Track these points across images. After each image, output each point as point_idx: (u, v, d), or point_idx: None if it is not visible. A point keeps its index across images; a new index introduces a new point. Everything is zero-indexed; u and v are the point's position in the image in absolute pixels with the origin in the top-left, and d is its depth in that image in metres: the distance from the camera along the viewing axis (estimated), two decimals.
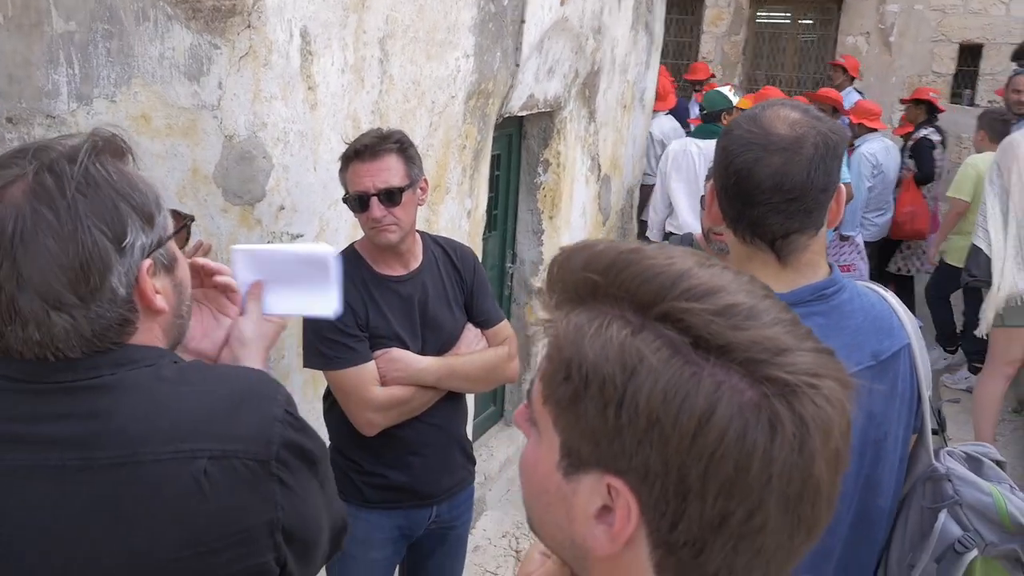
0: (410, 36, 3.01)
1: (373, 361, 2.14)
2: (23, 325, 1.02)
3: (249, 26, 2.30)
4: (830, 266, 1.47)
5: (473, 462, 2.43)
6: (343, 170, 2.18)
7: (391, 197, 2.09)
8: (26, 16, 2.48)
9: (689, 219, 5.30)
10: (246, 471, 1.04)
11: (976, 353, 5.50)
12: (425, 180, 2.21)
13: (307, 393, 2.77)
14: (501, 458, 4.54)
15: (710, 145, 5.15)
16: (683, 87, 8.95)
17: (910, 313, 1.54)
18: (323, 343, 2.11)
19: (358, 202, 2.13)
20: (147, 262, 1.08)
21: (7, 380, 1.06)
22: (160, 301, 1.11)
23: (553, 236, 4.84)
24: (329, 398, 2.25)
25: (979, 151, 5.87)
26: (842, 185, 1.46)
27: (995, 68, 9.99)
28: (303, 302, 1.49)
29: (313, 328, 2.14)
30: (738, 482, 0.63)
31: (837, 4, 10.70)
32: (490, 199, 4.09)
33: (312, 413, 2.81)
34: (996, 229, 4.28)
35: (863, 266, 6.26)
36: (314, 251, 1.48)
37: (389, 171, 2.10)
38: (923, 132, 6.71)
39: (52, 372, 1.04)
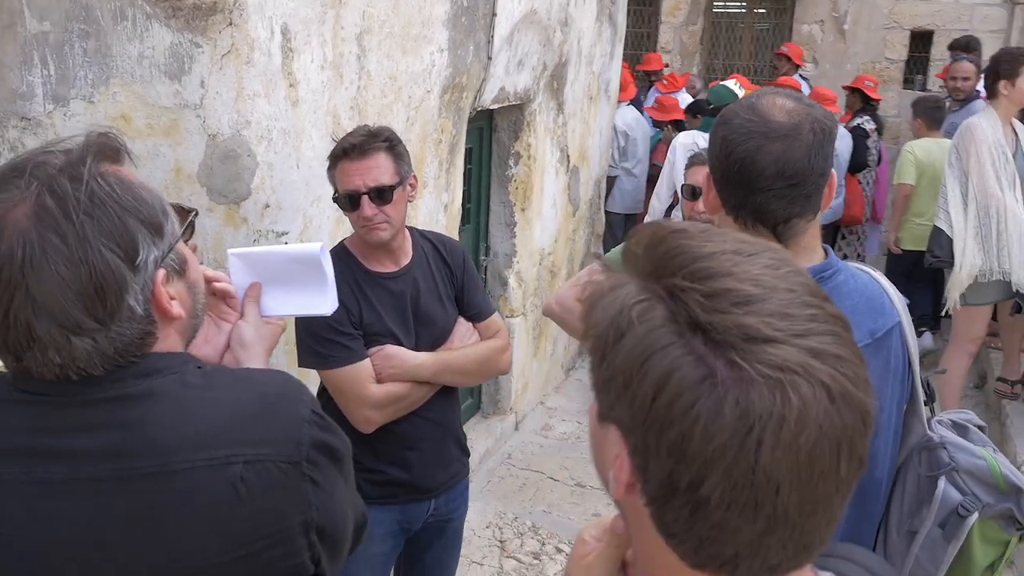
0: (386, 31, 3.01)
1: (368, 359, 2.15)
2: (42, 350, 1.01)
3: (231, 24, 2.29)
4: (825, 250, 1.52)
5: (467, 454, 2.45)
6: (331, 168, 2.18)
7: (382, 195, 2.10)
8: None
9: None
10: (279, 473, 1.05)
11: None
12: (414, 176, 2.22)
13: None
14: (481, 450, 4.57)
15: None
16: (639, 78, 9.00)
17: (898, 292, 1.60)
18: (318, 342, 2.11)
19: (348, 201, 2.13)
20: (160, 272, 1.07)
21: (30, 394, 1.05)
22: (176, 307, 1.10)
23: (526, 228, 4.87)
24: (323, 397, 2.26)
25: (917, 138, 6.05)
26: (833, 171, 1.51)
27: (945, 54, 10.18)
28: (300, 302, 1.50)
29: (307, 327, 2.14)
30: (683, 449, 0.68)
31: None
32: (463, 193, 4.10)
33: None
34: (956, 211, 4.40)
35: None
36: (305, 250, 1.48)
37: (379, 169, 2.10)
38: (857, 120, 6.86)
39: (76, 387, 1.04)
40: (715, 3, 11.40)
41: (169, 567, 1.02)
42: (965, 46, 7.72)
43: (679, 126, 7.31)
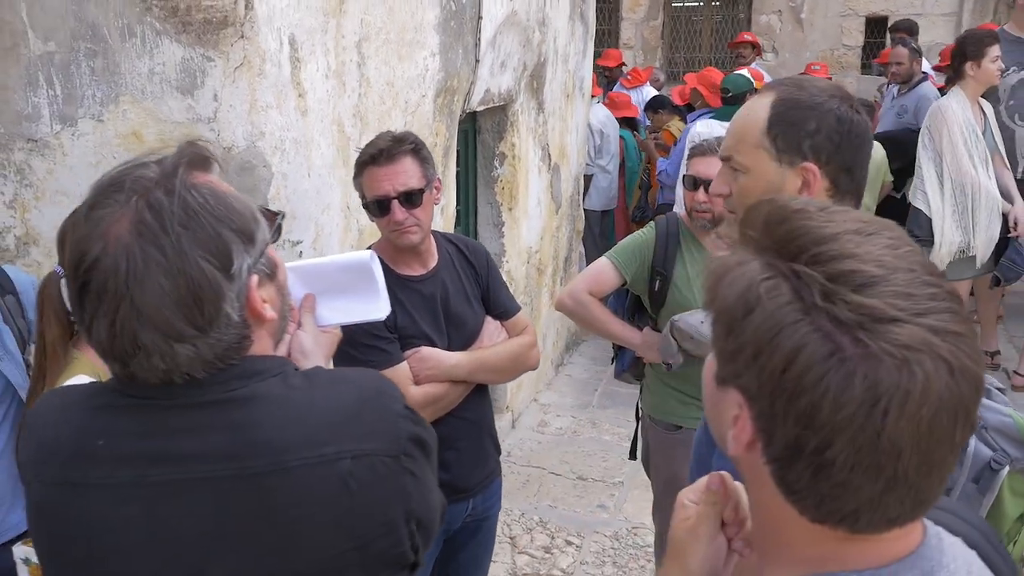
0: (383, 38, 3.04)
1: (406, 361, 2.18)
2: (147, 357, 1.04)
3: (242, 36, 2.31)
4: None
5: (499, 451, 2.49)
6: (357, 176, 2.20)
7: (411, 199, 2.13)
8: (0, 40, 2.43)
9: None
10: (383, 467, 1.10)
11: None
12: (439, 179, 2.25)
13: None
14: None
15: None
16: (599, 74, 9.07)
17: None
18: (354, 347, 2.13)
19: (378, 206, 2.16)
20: (254, 278, 1.11)
21: (136, 399, 1.08)
22: (269, 311, 1.14)
23: (513, 228, 4.91)
24: None
25: None
26: None
27: None
28: (354, 309, 1.53)
29: (343, 332, 2.15)
30: (811, 416, 0.74)
31: None
32: None
33: None
34: (933, 190, 4.53)
35: None
36: (355, 258, 1.53)
37: (407, 173, 2.13)
38: None
39: (182, 391, 1.07)
40: None
41: (286, 562, 1.05)
42: (907, 29, 7.94)
43: (631, 123, 7.40)
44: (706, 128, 5.62)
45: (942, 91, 5.59)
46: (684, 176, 2.89)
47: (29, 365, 2.28)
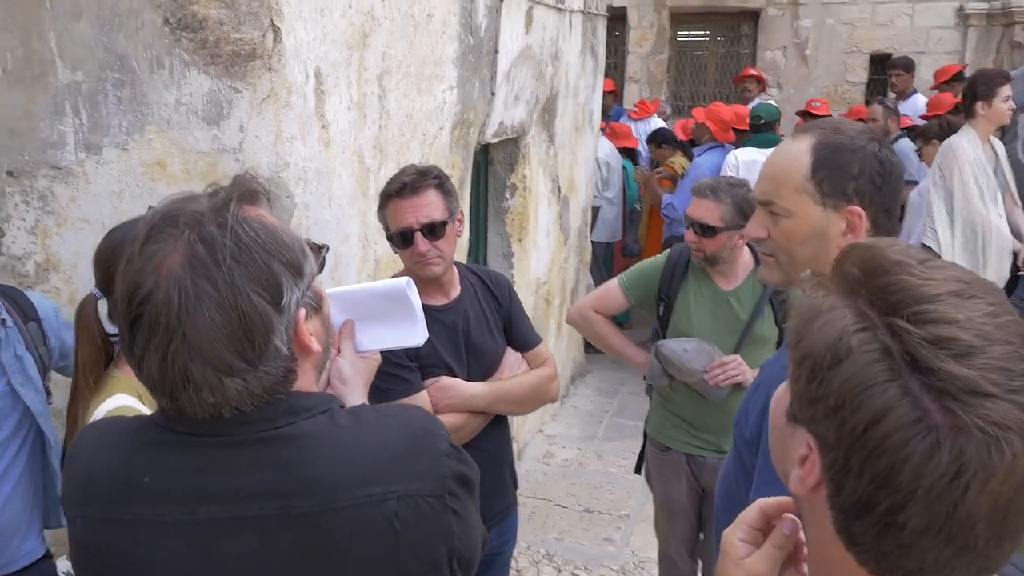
0: (403, 71, 3.07)
1: (425, 391, 2.18)
2: (197, 391, 1.04)
3: (270, 69, 2.33)
4: None
5: (516, 485, 2.48)
6: (382, 208, 2.22)
7: (434, 231, 2.15)
8: (28, 68, 2.46)
9: None
10: (428, 507, 1.10)
11: None
12: (461, 212, 2.27)
13: None
14: None
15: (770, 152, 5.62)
16: None
17: None
18: (376, 376, 2.13)
19: (402, 238, 2.17)
20: (302, 312, 1.11)
21: (183, 435, 1.08)
22: (315, 343, 1.14)
23: (523, 259, 4.93)
24: None
25: None
26: None
27: None
28: (392, 335, 1.57)
29: None
30: (888, 479, 0.73)
31: (754, 21, 11.14)
32: None
33: None
34: (943, 228, 4.55)
35: None
36: (391, 286, 1.55)
37: (430, 206, 2.15)
38: None
39: (231, 426, 1.07)
40: (679, 33, 11.66)
41: None
42: (904, 66, 8.07)
43: (630, 154, 7.45)
44: (748, 156, 5.81)
45: (919, 152, 5.66)
46: (690, 222, 2.94)
47: (49, 392, 2.29)
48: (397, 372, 2.14)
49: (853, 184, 1.48)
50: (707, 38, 11.79)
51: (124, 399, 1.83)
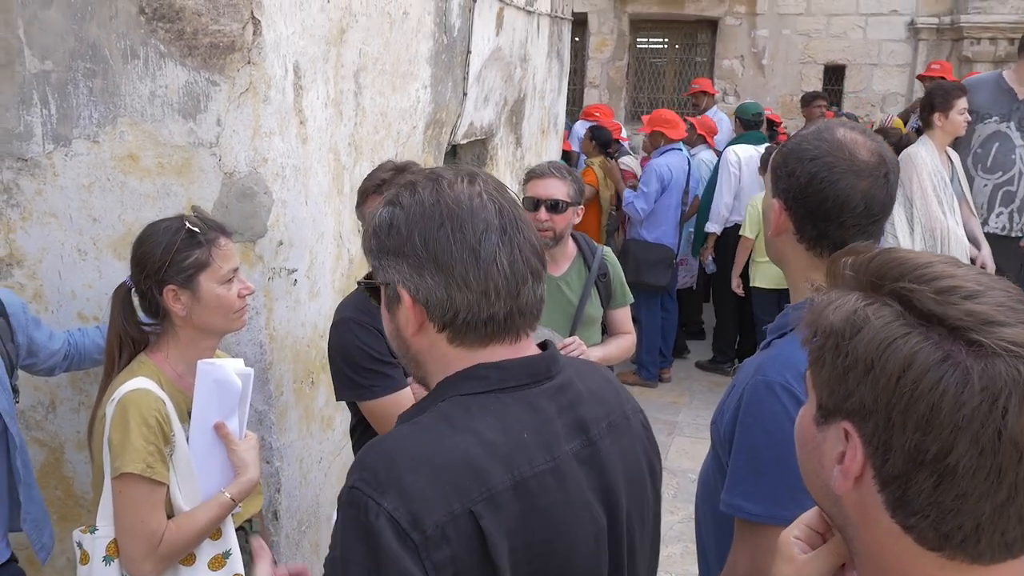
0: (379, 69, 3.04)
1: (409, 387, 2.15)
2: None
3: (249, 62, 2.28)
4: None
5: None
6: (360, 205, 2.20)
7: None
8: None
9: None
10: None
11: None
12: None
13: (302, 430, 2.73)
14: None
15: (762, 148, 6.31)
16: None
17: None
18: (357, 372, 2.10)
19: None
20: None
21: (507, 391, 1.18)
22: None
23: None
24: (357, 431, 2.24)
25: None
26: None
27: (857, 87, 10.78)
28: (231, 403, 2.01)
29: (345, 359, 2.12)
30: (931, 420, 0.75)
31: (712, 30, 11.29)
32: None
33: (306, 449, 2.78)
34: (904, 234, 4.65)
35: (693, 262, 6.95)
36: (200, 378, 1.96)
37: None
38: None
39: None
40: (639, 40, 11.76)
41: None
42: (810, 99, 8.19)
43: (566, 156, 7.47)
44: (746, 152, 6.32)
45: None
46: (525, 198, 3.04)
47: (16, 391, 2.21)
48: (381, 368, 2.11)
49: (784, 182, 1.54)
50: (666, 46, 11.92)
51: (144, 382, 1.93)
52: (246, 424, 2.10)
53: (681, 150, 6.39)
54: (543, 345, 1.23)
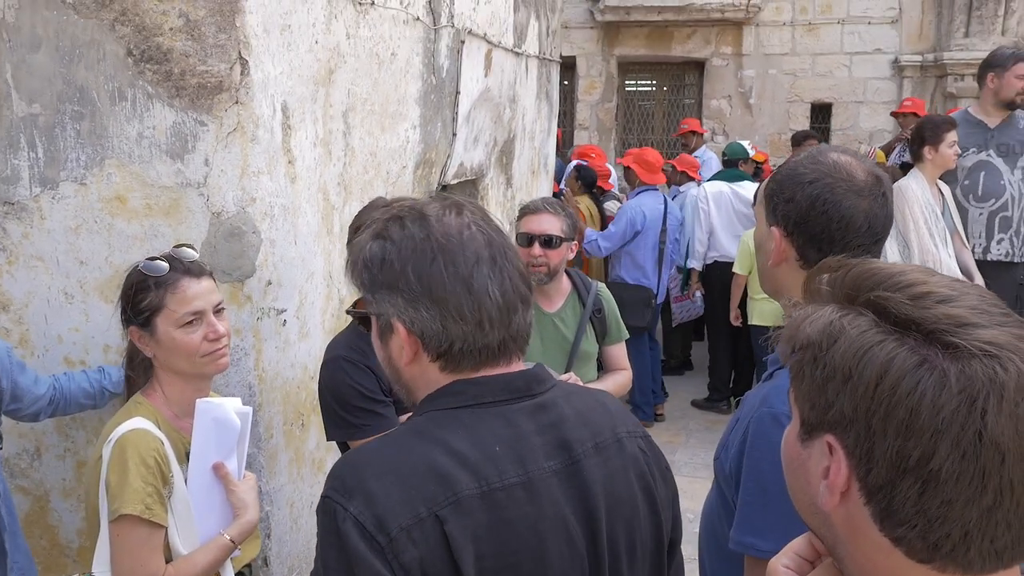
0: (368, 109, 3.04)
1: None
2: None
3: (237, 102, 2.28)
4: None
5: None
6: (351, 241, 2.17)
7: None
8: None
9: (727, 242, 6.55)
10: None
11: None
12: None
13: (292, 474, 2.68)
14: None
15: (739, 185, 6.54)
16: None
17: None
18: (349, 411, 2.07)
19: None
20: None
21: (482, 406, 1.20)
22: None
23: None
24: None
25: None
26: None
27: (844, 124, 10.88)
28: (230, 442, 1.98)
29: (336, 398, 2.09)
30: (911, 425, 0.75)
31: (699, 71, 11.42)
32: None
33: (297, 493, 2.73)
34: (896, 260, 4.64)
35: (697, 294, 6.96)
36: (199, 416, 1.93)
37: None
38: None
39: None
40: (627, 82, 11.89)
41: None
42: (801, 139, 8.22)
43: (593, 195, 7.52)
44: (715, 188, 6.52)
45: None
46: (519, 234, 3.04)
47: (0, 437, 2.17)
48: (372, 407, 2.08)
49: (782, 208, 1.53)
50: (654, 87, 12.04)
51: (141, 422, 1.90)
52: (244, 464, 2.07)
53: (657, 190, 6.42)
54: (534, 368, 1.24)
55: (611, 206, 7.22)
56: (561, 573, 1.13)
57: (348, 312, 1.43)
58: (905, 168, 6.29)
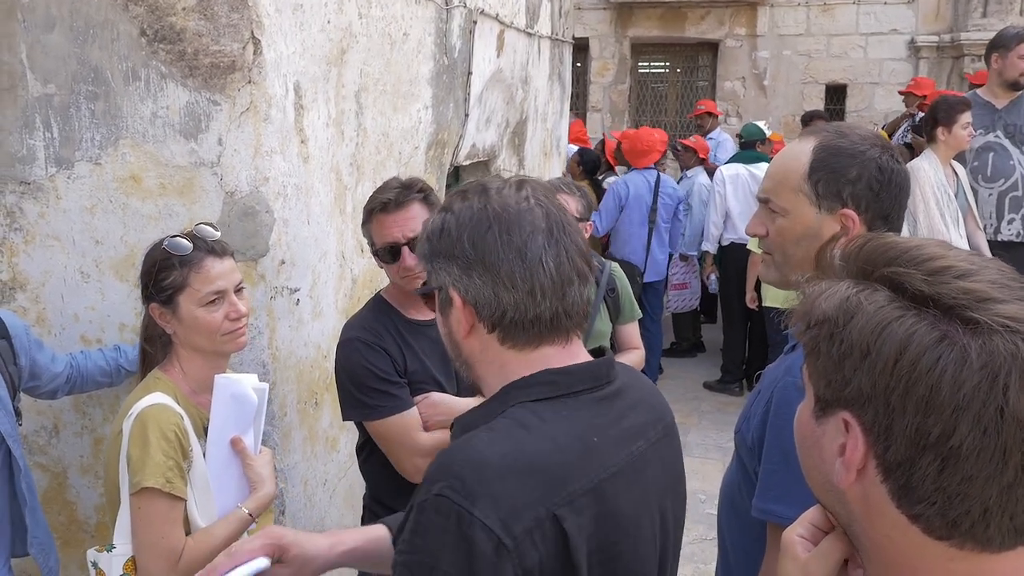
0: (380, 89, 3.05)
1: (415, 407, 2.13)
2: None
3: (250, 81, 2.29)
4: None
5: None
6: (366, 223, 2.19)
7: None
8: None
9: (743, 224, 6.29)
10: None
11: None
12: None
13: (306, 452, 2.71)
14: None
15: (756, 167, 6.34)
16: None
17: None
18: (364, 392, 2.09)
19: (389, 252, 2.13)
20: None
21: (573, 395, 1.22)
22: None
23: None
24: (365, 449, 2.22)
25: None
26: None
27: (859, 106, 10.80)
28: (247, 417, 2.00)
29: (351, 378, 2.11)
30: (931, 402, 0.74)
31: (712, 52, 11.35)
32: None
33: (311, 471, 2.76)
34: None
35: (695, 284, 6.96)
36: (218, 392, 1.96)
37: (416, 219, 2.11)
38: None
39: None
40: (640, 64, 11.83)
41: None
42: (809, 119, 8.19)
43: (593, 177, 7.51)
44: (732, 171, 6.39)
45: None
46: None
47: (19, 413, 2.20)
48: (387, 388, 2.09)
49: (849, 188, 1.49)
50: (667, 69, 11.98)
51: (161, 397, 1.92)
52: (260, 440, 2.09)
53: (647, 171, 6.38)
54: (598, 350, 1.27)
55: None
56: (647, 556, 1.17)
57: (414, 292, 1.55)
58: (909, 147, 6.27)
